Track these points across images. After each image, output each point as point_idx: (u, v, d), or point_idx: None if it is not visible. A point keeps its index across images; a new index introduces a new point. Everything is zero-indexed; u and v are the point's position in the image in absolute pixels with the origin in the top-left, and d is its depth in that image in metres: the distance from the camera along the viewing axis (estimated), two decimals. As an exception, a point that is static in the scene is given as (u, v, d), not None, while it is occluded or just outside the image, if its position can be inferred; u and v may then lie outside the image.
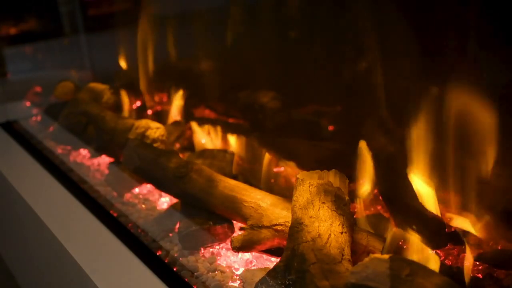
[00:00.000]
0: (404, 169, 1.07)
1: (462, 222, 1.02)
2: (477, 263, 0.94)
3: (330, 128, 1.50)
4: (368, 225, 1.07)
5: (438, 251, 0.98)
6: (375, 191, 1.21)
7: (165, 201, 1.36)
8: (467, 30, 0.92)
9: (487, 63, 0.92)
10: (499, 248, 0.97)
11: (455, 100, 0.94)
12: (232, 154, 1.39)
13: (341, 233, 0.90)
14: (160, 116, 1.90)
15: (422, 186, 1.03)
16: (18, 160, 1.81)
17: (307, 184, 0.96)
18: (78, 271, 1.11)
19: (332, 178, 1.01)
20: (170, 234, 1.18)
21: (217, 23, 1.73)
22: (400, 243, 0.99)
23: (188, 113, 1.87)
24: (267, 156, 1.36)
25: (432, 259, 0.92)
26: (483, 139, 0.92)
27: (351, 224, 0.94)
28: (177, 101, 1.91)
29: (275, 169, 1.39)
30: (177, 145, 1.67)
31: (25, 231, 1.60)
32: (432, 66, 1.05)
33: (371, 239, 0.94)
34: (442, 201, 1.02)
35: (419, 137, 1.00)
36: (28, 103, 2.41)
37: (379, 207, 1.18)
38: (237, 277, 1.01)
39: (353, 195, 1.16)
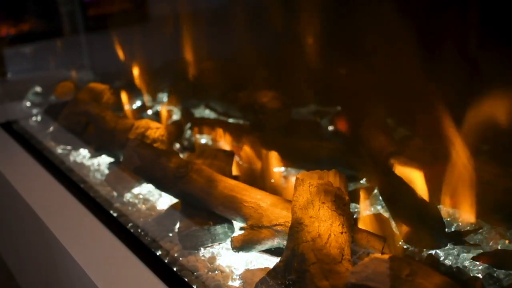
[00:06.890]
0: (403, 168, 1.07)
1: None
2: (477, 263, 0.94)
3: (330, 128, 1.50)
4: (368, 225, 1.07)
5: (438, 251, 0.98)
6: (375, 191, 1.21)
7: (165, 201, 1.36)
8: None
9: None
10: (499, 248, 0.97)
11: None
12: (232, 154, 1.39)
13: (341, 233, 0.89)
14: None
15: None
16: (18, 160, 1.81)
17: (307, 184, 0.96)
18: (78, 271, 1.11)
19: (332, 178, 1.01)
20: (170, 234, 1.18)
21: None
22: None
23: (188, 113, 1.87)
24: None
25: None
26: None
27: (351, 224, 0.94)
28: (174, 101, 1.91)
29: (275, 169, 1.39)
30: (177, 145, 1.67)
31: (25, 231, 1.60)
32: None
33: (371, 239, 0.94)
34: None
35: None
36: (28, 103, 2.41)
37: (378, 207, 1.18)
38: (237, 277, 1.01)
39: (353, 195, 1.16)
